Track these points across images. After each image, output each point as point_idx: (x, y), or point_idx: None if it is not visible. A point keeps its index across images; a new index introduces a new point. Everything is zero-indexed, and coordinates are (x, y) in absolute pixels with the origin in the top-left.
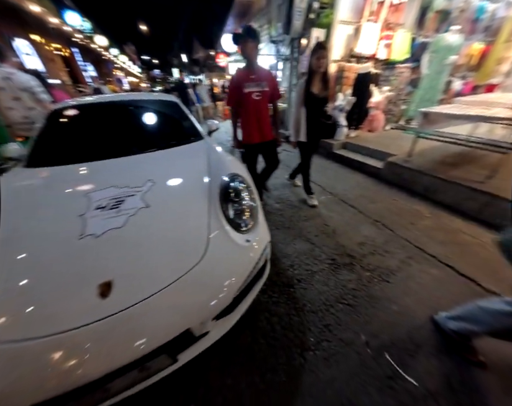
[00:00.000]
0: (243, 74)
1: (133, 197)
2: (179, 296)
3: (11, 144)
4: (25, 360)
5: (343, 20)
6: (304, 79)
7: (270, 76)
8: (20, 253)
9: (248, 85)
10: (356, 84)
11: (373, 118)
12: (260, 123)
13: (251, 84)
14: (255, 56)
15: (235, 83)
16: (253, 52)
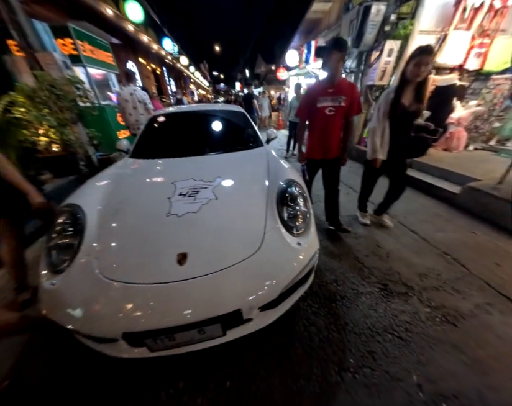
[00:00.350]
0: (321, 87)
1: (206, 189)
2: (236, 278)
3: (122, 140)
4: (125, 297)
5: (423, 30)
6: (392, 89)
7: (352, 90)
8: (125, 220)
9: (322, 100)
10: (434, 97)
11: (451, 136)
12: (326, 139)
13: (327, 98)
14: (339, 68)
15: (310, 96)
16: (338, 64)
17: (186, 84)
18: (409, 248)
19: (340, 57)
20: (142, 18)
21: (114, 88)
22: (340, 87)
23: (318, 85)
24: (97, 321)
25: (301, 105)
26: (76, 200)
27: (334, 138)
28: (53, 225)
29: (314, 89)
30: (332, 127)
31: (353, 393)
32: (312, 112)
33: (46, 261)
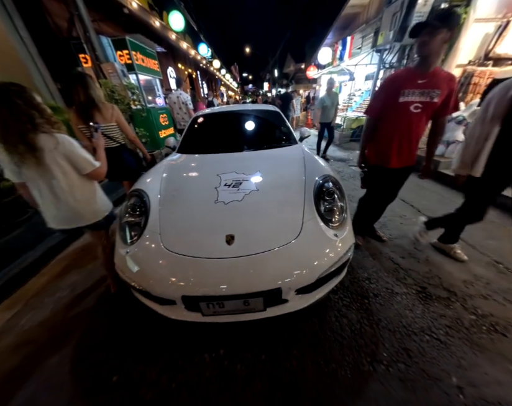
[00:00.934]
0: (408, 76)
1: (248, 181)
2: (278, 260)
3: (170, 138)
4: (184, 266)
5: (480, 18)
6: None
7: (449, 82)
8: (182, 206)
9: (408, 93)
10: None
11: None
12: (404, 144)
13: (415, 91)
14: (440, 52)
15: (389, 88)
16: (441, 47)
17: (217, 86)
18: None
19: (447, 37)
20: (183, 26)
21: (158, 92)
22: (435, 78)
23: (404, 73)
24: (162, 284)
25: (374, 100)
26: (142, 186)
27: (415, 142)
28: (125, 206)
29: (397, 78)
30: (415, 129)
31: (386, 385)
32: (389, 108)
33: (120, 234)
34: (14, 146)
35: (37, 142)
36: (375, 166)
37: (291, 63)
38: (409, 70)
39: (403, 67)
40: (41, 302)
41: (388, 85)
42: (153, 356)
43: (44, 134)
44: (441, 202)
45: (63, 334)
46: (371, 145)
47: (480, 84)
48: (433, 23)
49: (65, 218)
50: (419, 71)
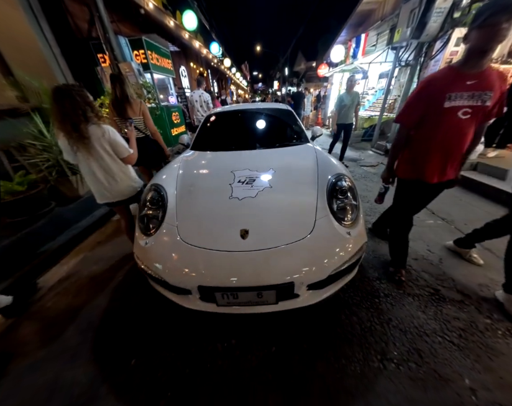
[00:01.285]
0: (453, 76)
1: (261, 178)
2: (292, 255)
3: (183, 135)
4: (201, 258)
5: None
6: None
7: (502, 82)
8: (197, 200)
9: (456, 97)
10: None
11: None
12: (450, 155)
13: (463, 94)
14: (495, 47)
15: (430, 91)
16: (500, 38)
17: (227, 85)
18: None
19: (508, 25)
20: (196, 25)
21: (171, 90)
22: (486, 78)
23: (447, 73)
24: (179, 274)
25: (409, 106)
26: (159, 181)
27: (461, 153)
28: (144, 200)
29: (438, 80)
30: (463, 137)
31: (396, 382)
32: (430, 115)
33: (140, 226)
34: (69, 133)
35: (87, 131)
36: (409, 180)
37: (301, 61)
38: (453, 69)
39: (445, 66)
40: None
41: (427, 88)
42: (168, 343)
43: (93, 125)
44: (455, 204)
45: (84, 314)
46: (403, 157)
47: None
48: (491, 9)
49: (110, 194)
50: (467, 70)
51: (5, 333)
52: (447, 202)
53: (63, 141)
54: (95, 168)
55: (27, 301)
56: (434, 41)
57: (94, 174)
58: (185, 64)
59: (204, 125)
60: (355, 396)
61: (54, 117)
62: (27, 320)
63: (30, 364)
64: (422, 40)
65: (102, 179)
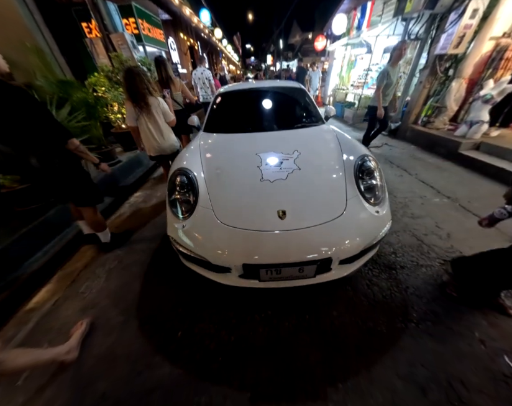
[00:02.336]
0: None
1: (288, 160)
2: (328, 233)
3: (193, 116)
4: (243, 238)
5: None
6: None
7: None
8: (228, 183)
9: None
10: None
11: None
12: None
13: None
14: None
15: None
16: None
17: (218, 59)
18: (474, 232)
19: None
20: None
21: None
22: None
23: None
24: (223, 254)
25: None
26: (185, 165)
27: None
28: (172, 184)
29: None
30: None
31: (418, 338)
32: None
33: (172, 211)
34: (137, 102)
35: (149, 101)
36: None
37: (297, 33)
38: None
39: None
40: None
41: None
42: (208, 317)
43: (152, 97)
44: (459, 183)
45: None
46: None
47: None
48: None
49: (159, 148)
50: None
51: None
52: (451, 181)
53: (130, 108)
54: (151, 128)
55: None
56: (448, 13)
57: (151, 132)
58: (174, 35)
59: (214, 106)
60: (384, 351)
61: (125, 90)
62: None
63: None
64: (436, 11)
65: (156, 136)
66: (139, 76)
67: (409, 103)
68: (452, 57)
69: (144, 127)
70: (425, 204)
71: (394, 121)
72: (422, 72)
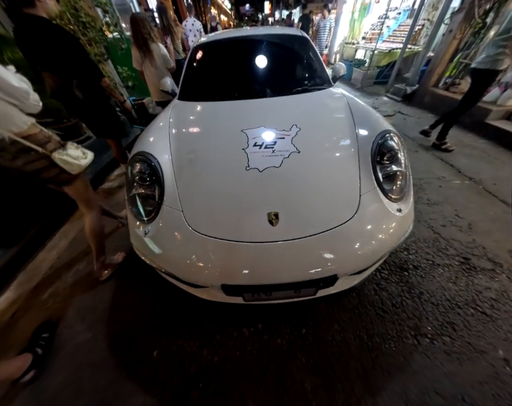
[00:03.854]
0: None
1: (283, 140)
2: (335, 243)
3: (166, 79)
4: (218, 252)
5: None
6: None
7: None
8: (204, 173)
9: None
10: None
11: None
12: None
13: None
14: None
15: None
16: None
17: (206, 7)
18: (498, 221)
19: None
20: None
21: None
22: None
23: None
24: (197, 271)
25: None
26: (146, 148)
27: None
28: (130, 173)
29: None
30: None
31: (432, 357)
32: None
33: (132, 211)
34: (141, 47)
35: (151, 46)
36: None
37: None
38: None
39: None
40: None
41: None
42: (189, 332)
43: (154, 43)
44: (484, 160)
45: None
46: None
47: None
48: None
49: (159, 93)
50: None
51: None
52: (474, 158)
53: (136, 53)
54: (154, 73)
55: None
56: None
57: (153, 76)
58: None
59: (191, 64)
60: (392, 374)
61: (131, 34)
62: None
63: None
64: None
65: (157, 80)
66: (142, 22)
67: (432, 59)
68: None
69: (147, 72)
70: (443, 187)
71: (411, 84)
72: (454, 16)
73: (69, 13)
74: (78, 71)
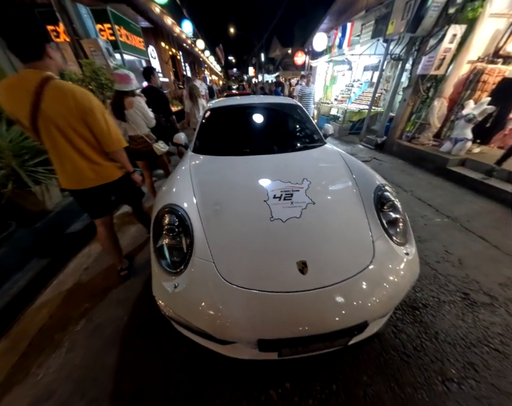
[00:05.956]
0: None
1: (298, 192)
2: (362, 289)
3: (180, 134)
4: (255, 304)
5: (495, 13)
6: None
7: None
8: (231, 224)
9: None
10: (500, 91)
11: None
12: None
13: None
14: None
15: None
16: None
17: (200, 69)
18: (481, 256)
19: None
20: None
21: None
22: None
23: None
24: (233, 326)
25: None
26: (173, 200)
27: None
28: (159, 226)
29: None
30: None
31: (464, 405)
32: None
33: (159, 262)
34: (192, 100)
35: (198, 100)
36: None
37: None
38: None
39: None
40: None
41: None
42: (211, 401)
43: (199, 98)
44: (455, 201)
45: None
46: None
47: (489, 82)
48: None
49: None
50: None
51: None
52: (446, 198)
53: (189, 103)
54: (196, 113)
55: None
56: (429, 37)
57: (196, 115)
58: (154, 43)
59: (204, 123)
60: None
61: (189, 93)
62: None
63: None
64: (418, 35)
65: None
66: (193, 87)
67: (394, 119)
68: (432, 77)
69: (193, 112)
70: (428, 225)
71: (380, 136)
72: (405, 90)
73: (91, 77)
74: (165, 112)
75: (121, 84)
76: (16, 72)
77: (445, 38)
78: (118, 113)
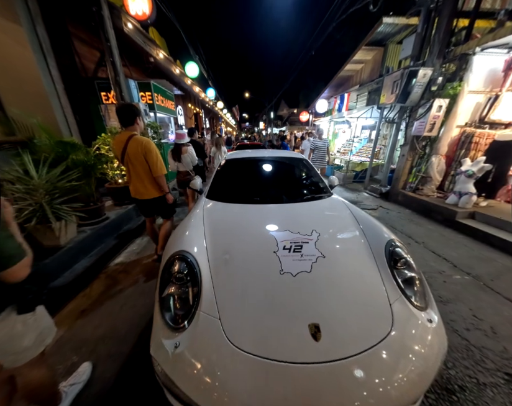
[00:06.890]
0: None
1: (308, 244)
2: (384, 361)
3: (197, 179)
4: (263, 375)
5: (473, 90)
6: None
7: None
8: (238, 275)
9: None
10: (493, 151)
11: None
12: None
13: None
14: None
15: None
16: None
17: (218, 122)
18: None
19: None
20: (197, 74)
21: (171, 128)
22: None
23: None
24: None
25: None
26: (185, 246)
27: None
28: (168, 273)
29: None
30: None
31: None
32: None
33: (164, 314)
34: (217, 147)
35: (221, 148)
36: None
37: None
38: None
39: None
40: None
41: None
42: None
43: (223, 146)
44: (473, 256)
45: None
46: None
47: (481, 143)
48: None
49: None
50: None
51: None
52: (462, 252)
53: (214, 148)
54: (219, 157)
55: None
56: (418, 107)
57: (219, 158)
58: (182, 104)
59: (219, 171)
60: None
61: (215, 142)
62: None
63: None
64: (407, 105)
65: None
66: (220, 139)
67: (396, 171)
68: (426, 137)
69: (217, 156)
70: (448, 282)
71: (383, 185)
72: (402, 147)
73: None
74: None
75: (179, 139)
76: (120, 131)
77: (432, 108)
78: (176, 157)
